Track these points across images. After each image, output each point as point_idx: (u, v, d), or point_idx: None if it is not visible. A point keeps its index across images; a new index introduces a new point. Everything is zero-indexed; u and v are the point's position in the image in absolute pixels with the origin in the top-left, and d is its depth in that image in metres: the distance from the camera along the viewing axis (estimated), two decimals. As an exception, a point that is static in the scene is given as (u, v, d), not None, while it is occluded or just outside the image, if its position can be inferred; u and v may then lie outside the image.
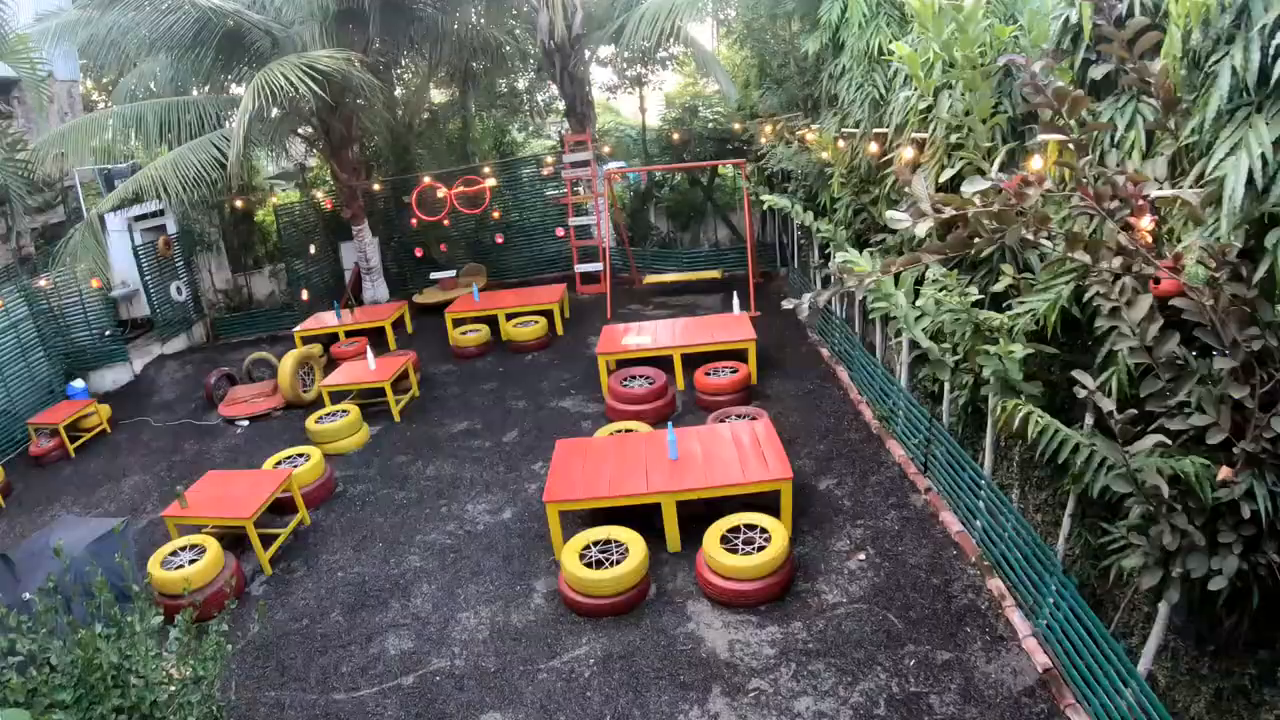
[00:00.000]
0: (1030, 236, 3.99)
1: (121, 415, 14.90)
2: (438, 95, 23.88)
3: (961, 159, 6.43)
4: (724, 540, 7.93)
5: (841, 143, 9.68)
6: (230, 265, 20.64)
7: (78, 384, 15.09)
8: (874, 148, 8.44)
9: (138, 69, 17.71)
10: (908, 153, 7.15)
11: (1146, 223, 4.06)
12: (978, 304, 6.24)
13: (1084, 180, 3.88)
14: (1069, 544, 6.83)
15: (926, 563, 8.06)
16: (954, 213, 3.64)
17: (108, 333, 16.49)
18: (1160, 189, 4.10)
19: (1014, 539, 7.34)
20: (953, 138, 6.48)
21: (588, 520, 9.18)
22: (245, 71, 15.43)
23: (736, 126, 17.97)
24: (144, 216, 18.18)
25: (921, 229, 3.64)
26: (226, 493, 9.75)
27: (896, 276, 6.52)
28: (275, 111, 16.80)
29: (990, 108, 6.01)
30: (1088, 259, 4.16)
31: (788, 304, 4.37)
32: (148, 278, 17.66)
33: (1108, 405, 4.14)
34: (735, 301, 13.55)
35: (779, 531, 7.89)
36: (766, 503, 8.64)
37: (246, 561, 9.43)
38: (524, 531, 9.45)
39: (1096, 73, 5.01)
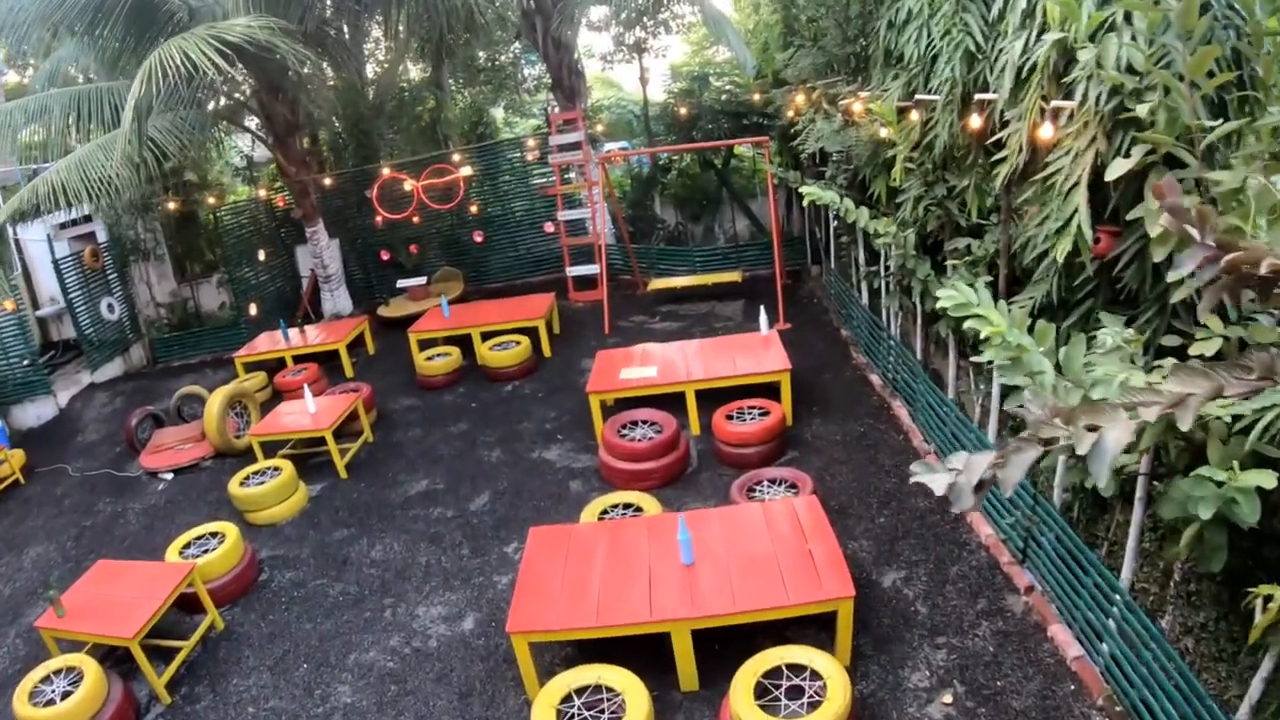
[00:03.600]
0: None
1: (39, 461, 12.99)
2: (416, 73, 21.88)
3: (1139, 142, 4.14)
4: (759, 690, 5.74)
5: (915, 114, 7.37)
6: (175, 275, 18.54)
7: (-8, 423, 13.19)
8: (976, 122, 6.11)
9: (56, 54, 15.76)
10: (1045, 130, 4.85)
11: None
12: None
13: None
14: (1255, 712, 4.68)
15: (1036, 706, 5.97)
16: None
17: (26, 361, 14.47)
18: None
19: (1162, 682, 5.23)
20: (1139, 108, 4.16)
21: (571, 645, 7.03)
22: (162, 49, 13.41)
23: (756, 97, 15.74)
24: (70, 224, 16.19)
25: None
26: (113, 595, 7.84)
27: (1031, 326, 4.22)
28: (223, 102, 14.93)
29: (1210, 60, 3.72)
30: None
31: (934, 486, 2.10)
32: (72, 295, 15.58)
33: None
34: (763, 318, 11.26)
35: (836, 676, 5.70)
36: (815, 618, 6.58)
37: (141, 684, 7.46)
38: (489, 651, 7.32)
39: None
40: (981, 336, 4.00)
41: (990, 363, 4.23)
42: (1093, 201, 4.75)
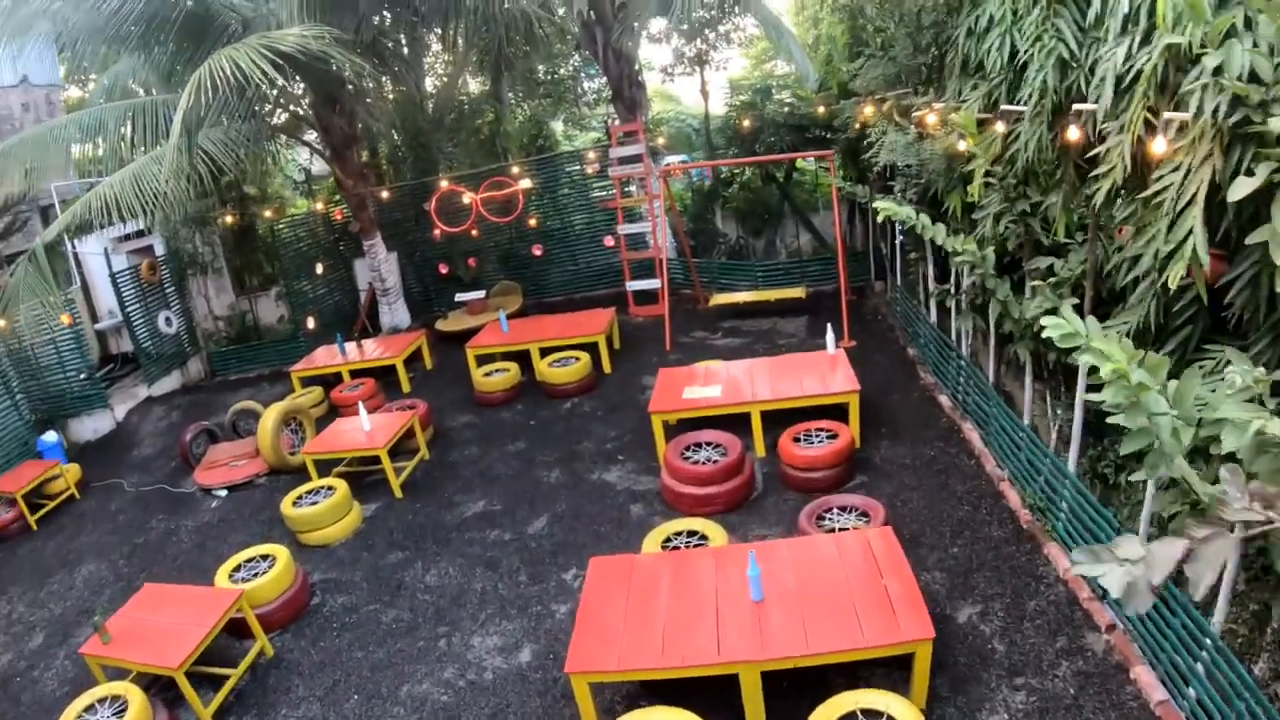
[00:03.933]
0: None
1: (94, 476, 13.04)
2: (475, 86, 21.81)
3: (1263, 158, 3.75)
4: (834, 736, 5.41)
5: (998, 125, 6.97)
6: (233, 288, 18.57)
7: (49, 437, 13.41)
8: (1074, 134, 5.69)
9: (114, 68, 15.85)
10: (1157, 144, 4.46)
11: None
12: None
13: None
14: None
15: (1118, 752, 5.56)
16: None
17: (83, 375, 14.54)
18: None
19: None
20: (1271, 122, 3.76)
21: (633, 682, 6.73)
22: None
23: (820, 110, 15.35)
24: (127, 237, 16.27)
25: None
26: (159, 622, 7.67)
27: (1141, 359, 3.83)
28: (280, 114, 14.93)
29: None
30: None
31: (1109, 585, 1.78)
32: (129, 308, 15.65)
33: None
34: (829, 336, 10.86)
35: (917, 725, 5.35)
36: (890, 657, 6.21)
37: (188, 712, 7.26)
38: (546, 685, 7.03)
39: None
40: (1102, 375, 3.59)
41: (1101, 401, 3.84)
42: (1206, 222, 4.36)
